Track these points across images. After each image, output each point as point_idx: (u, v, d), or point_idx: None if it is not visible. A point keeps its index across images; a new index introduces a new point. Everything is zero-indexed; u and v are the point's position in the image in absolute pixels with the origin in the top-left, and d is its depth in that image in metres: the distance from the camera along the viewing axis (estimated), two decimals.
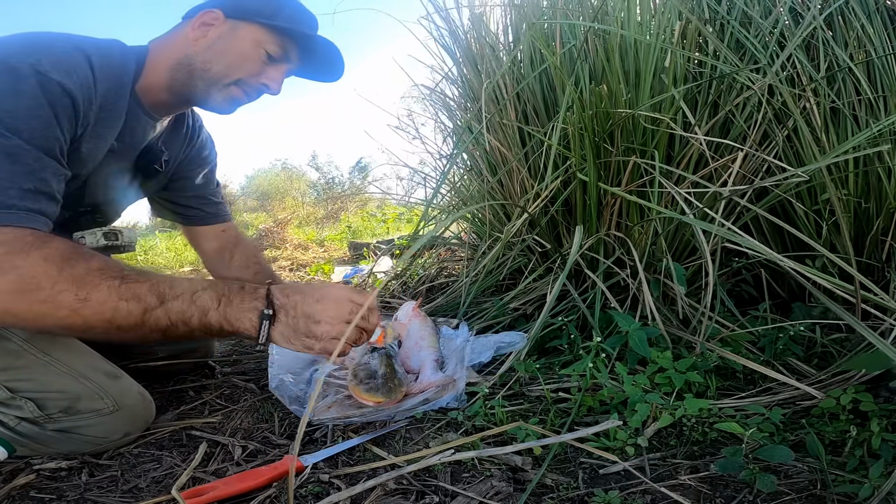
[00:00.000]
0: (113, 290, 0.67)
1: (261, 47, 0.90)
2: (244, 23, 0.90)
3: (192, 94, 0.91)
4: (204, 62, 0.89)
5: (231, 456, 0.80)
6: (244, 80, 0.92)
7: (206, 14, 0.90)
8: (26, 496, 0.72)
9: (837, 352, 0.98)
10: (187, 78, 0.89)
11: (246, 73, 0.91)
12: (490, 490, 0.66)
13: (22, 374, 0.78)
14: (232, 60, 0.89)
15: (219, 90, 0.91)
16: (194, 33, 0.89)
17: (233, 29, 0.90)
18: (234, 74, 0.90)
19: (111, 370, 0.86)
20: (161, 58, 0.89)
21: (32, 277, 0.64)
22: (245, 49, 0.90)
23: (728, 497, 0.63)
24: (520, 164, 1.38)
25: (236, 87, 0.92)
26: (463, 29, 1.57)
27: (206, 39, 0.89)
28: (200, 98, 0.92)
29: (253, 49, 0.90)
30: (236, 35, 0.90)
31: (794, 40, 1.14)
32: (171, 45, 0.90)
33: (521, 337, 1.11)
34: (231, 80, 0.91)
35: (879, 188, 1.11)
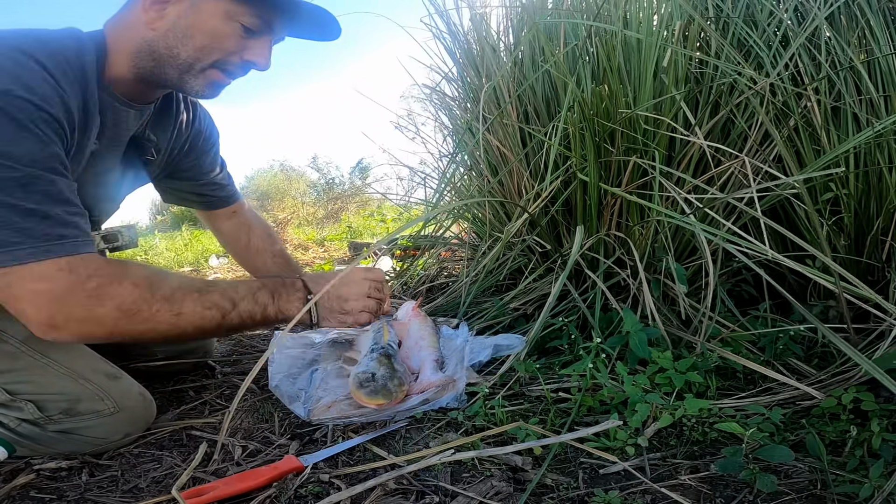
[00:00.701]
0: (197, 303, 0.78)
1: (234, 20, 0.78)
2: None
3: (165, 81, 0.81)
4: (168, 48, 0.78)
5: (231, 456, 0.80)
6: (223, 60, 0.81)
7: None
8: (26, 496, 0.72)
9: (837, 352, 0.97)
10: (154, 66, 0.79)
11: (223, 52, 0.80)
12: (490, 490, 0.66)
13: (21, 377, 0.78)
14: (202, 41, 0.78)
15: (194, 76, 0.80)
16: (147, 14, 0.77)
17: (194, 5, 0.77)
18: (208, 57, 0.79)
19: (111, 371, 0.86)
20: (119, 45, 0.79)
21: (133, 303, 0.72)
22: (215, 25, 0.77)
23: (728, 497, 0.63)
24: (520, 164, 1.38)
25: (214, 69, 0.81)
26: (463, 30, 1.58)
27: (164, 21, 0.77)
28: (175, 86, 0.83)
29: (225, 24, 0.78)
30: (200, 10, 0.77)
31: (797, 39, 1.14)
32: (125, 28, 0.79)
33: (520, 340, 1.10)
34: (206, 64, 0.80)
35: (880, 188, 1.11)
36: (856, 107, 1.13)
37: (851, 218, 1.13)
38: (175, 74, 0.80)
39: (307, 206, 7.18)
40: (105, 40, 0.79)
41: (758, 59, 1.21)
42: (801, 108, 1.17)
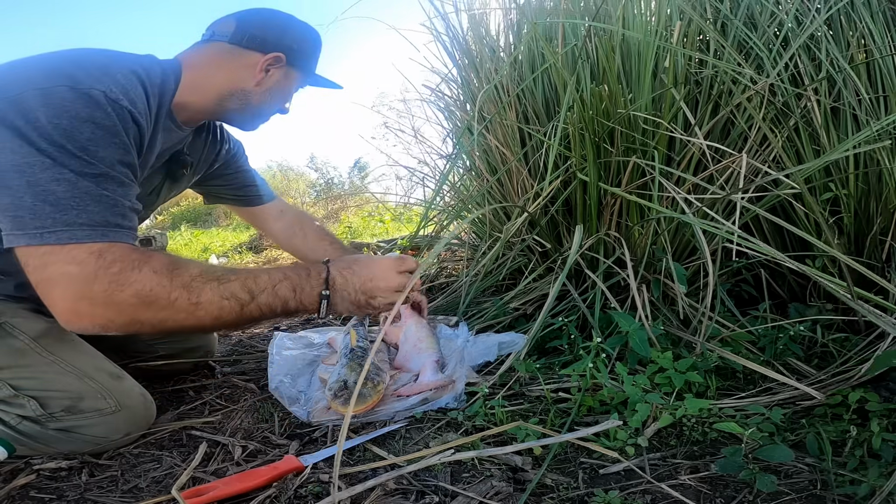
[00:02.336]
0: (216, 292, 0.76)
1: (297, 85, 1.01)
2: (295, 70, 0.98)
3: (234, 118, 0.98)
4: (260, 102, 0.96)
5: (231, 456, 0.80)
6: None
7: (274, 57, 0.93)
8: (26, 496, 0.72)
9: (837, 352, 0.98)
10: (239, 108, 0.95)
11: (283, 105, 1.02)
12: (490, 490, 0.66)
13: (26, 373, 0.79)
14: (280, 98, 0.99)
15: (262, 120, 1.01)
16: (258, 74, 0.93)
17: (287, 75, 0.97)
18: (277, 108, 1.01)
19: (114, 371, 0.87)
20: (206, 81, 0.91)
21: (151, 290, 0.72)
22: (290, 90, 1.00)
23: (728, 497, 0.63)
24: (520, 164, 1.39)
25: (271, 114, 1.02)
26: (462, 31, 1.58)
27: (268, 81, 0.94)
28: (238, 122, 1.00)
29: (293, 88, 1.01)
30: (288, 80, 0.98)
31: (797, 40, 1.14)
32: (221, 70, 0.92)
33: (522, 337, 1.10)
34: (273, 112, 1.01)
35: (879, 188, 1.11)
36: (855, 107, 1.13)
37: (851, 218, 1.13)
38: (249, 117, 0.98)
39: (307, 207, 7.17)
40: (180, 70, 0.89)
41: (758, 60, 1.21)
42: (800, 109, 1.17)
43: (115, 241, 0.72)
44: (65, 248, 0.68)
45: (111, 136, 0.72)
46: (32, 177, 0.67)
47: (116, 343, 1.08)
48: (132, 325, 0.73)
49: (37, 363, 0.80)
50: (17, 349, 0.80)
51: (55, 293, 0.70)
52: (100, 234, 0.70)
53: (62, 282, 0.69)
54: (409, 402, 0.90)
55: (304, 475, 0.71)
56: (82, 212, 0.69)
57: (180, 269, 0.75)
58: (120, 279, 0.70)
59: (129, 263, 0.71)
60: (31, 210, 0.67)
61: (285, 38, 0.94)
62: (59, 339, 0.84)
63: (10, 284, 0.84)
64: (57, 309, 0.71)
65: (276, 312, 0.82)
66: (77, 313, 0.70)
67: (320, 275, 0.86)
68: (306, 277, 0.85)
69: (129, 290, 0.71)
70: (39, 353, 0.81)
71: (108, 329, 0.73)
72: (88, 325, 0.72)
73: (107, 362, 0.88)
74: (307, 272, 0.85)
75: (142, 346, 1.12)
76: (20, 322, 0.82)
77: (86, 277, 0.69)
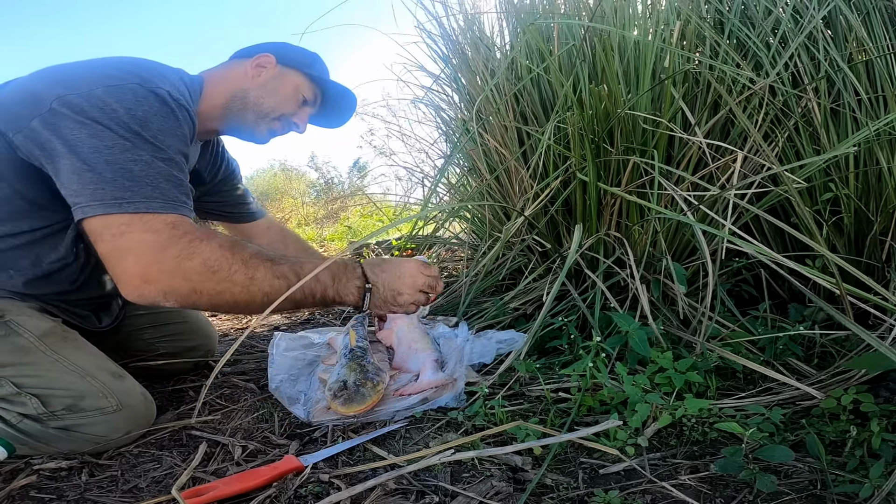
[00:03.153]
0: (268, 271, 0.82)
1: (300, 91, 1.05)
2: (290, 69, 1.05)
3: (242, 123, 1.03)
4: (258, 97, 1.01)
5: (231, 456, 0.80)
6: (284, 117, 1.05)
7: (262, 57, 1.02)
8: (26, 496, 0.72)
9: (837, 352, 0.98)
10: (241, 108, 1.01)
11: (286, 111, 1.05)
12: (490, 490, 0.66)
13: (29, 371, 0.80)
14: (279, 99, 1.03)
15: (266, 122, 1.04)
16: (252, 71, 1.01)
17: (282, 73, 1.03)
18: (279, 110, 1.04)
19: (116, 370, 0.88)
20: (217, 89, 1.00)
21: (216, 260, 0.78)
22: (289, 91, 1.04)
23: (728, 497, 0.63)
24: (518, 164, 1.38)
25: (278, 121, 1.05)
26: (457, 33, 1.58)
27: (261, 79, 1.02)
28: (248, 127, 1.04)
29: (294, 92, 1.05)
30: (284, 79, 1.04)
31: (796, 39, 1.14)
32: (227, 78, 1.02)
33: (521, 336, 1.10)
34: (275, 116, 1.04)
35: (879, 188, 1.11)
36: (854, 107, 1.13)
37: (851, 218, 1.13)
38: (253, 118, 1.03)
39: (307, 206, 7.16)
40: (203, 84, 0.99)
41: (756, 59, 1.21)
42: (801, 108, 1.17)
43: (185, 216, 0.79)
44: (143, 217, 0.75)
45: (176, 128, 0.81)
46: (112, 156, 0.74)
47: (117, 342, 1.08)
48: (192, 295, 0.78)
49: (40, 361, 0.81)
50: (22, 347, 0.81)
51: (128, 259, 0.75)
52: (172, 206, 0.78)
53: (137, 248, 0.75)
54: (409, 401, 0.90)
55: (304, 475, 0.71)
56: (156, 188, 0.77)
57: (240, 246, 0.82)
58: (190, 248, 0.77)
59: (197, 235, 0.78)
60: (112, 183, 0.74)
61: (274, 46, 1.05)
62: (63, 339, 0.85)
63: (19, 281, 0.85)
64: (127, 275, 0.76)
65: (315, 298, 0.88)
66: (146, 279, 0.76)
67: (355, 269, 0.93)
68: (343, 270, 0.92)
69: (197, 258, 0.77)
70: (43, 351, 0.82)
71: (169, 297, 0.77)
72: (154, 293, 0.77)
73: (109, 361, 0.88)
74: (344, 265, 0.92)
75: (142, 346, 1.12)
76: (25, 320, 0.83)
77: (161, 244, 0.75)
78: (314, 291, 0.88)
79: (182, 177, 0.82)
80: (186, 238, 0.77)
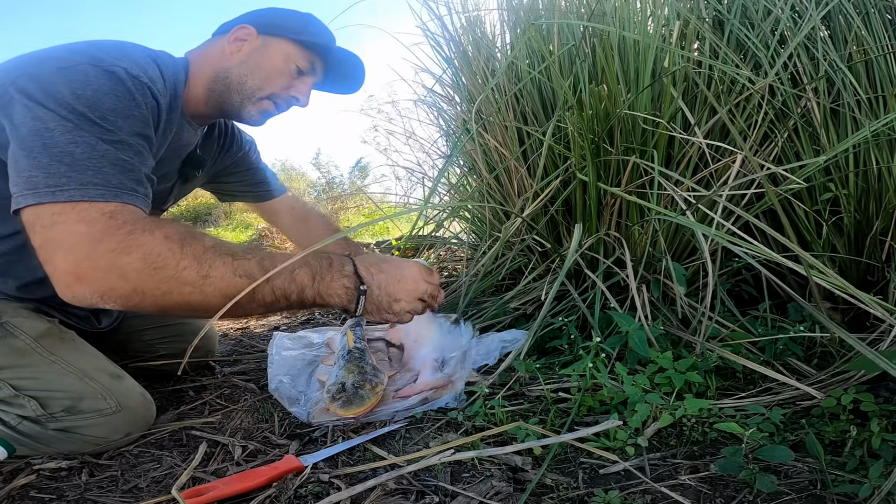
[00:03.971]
0: (228, 267, 0.70)
1: (291, 62, 0.94)
2: (275, 38, 0.94)
3: (228, 105, 0.94)
4: (240, 76, 0.92)
5: (231, 456, 0.80)
6: (276, 94, 0.95)
7: (239, 30, 0.93)
8: (26, 496, 0.72)
9: (837, 351, 0.97)
10: (224, 90, 0.92)
11: (278, 87, 0.94)
12: (490, 490, 0.66)
13: (27, 373, 0.79)
14: (265, 75, 0.93)
15: (253, 103, 0.94)
16: (230, 48, 0.92)
17: (265, 44, 0.93)
18: (267, 88, 0.94)
19: (114, 371, 0.87)
20: (199, 70, 0.92)
21: (159, 255, 0.67)
22: (277, 64, 0.93)
23: (728, 497, 0.63)
24: (518, 164, 1.38)
25: (268, 100, 0.95)
26: (458, 33, 1.58)
27: (241, 54, 0.92)
28: (235, 110, 0.95)
29: (284, 64, 0.94)
30: (268, 50, 0.93)
31: (795, 38, 1.14)
32: (207, 58, 0.93)
33: (523, 334, 1.10)
34: (264, 95, 0.94)
35: (879, 188, 1.11)
36: (854, 107, 1.13)
37: (851, 218, 1.13)
38: (238, 100, 0.93)
39: None
40: (188, 65, 0.92)
41: (755, 59, 1.21)
42: (800, 108, 1.17)
43: (129, 204, 0.70)
44: (76, 206, 0.66)
45: (131, 108, 0.73)
46: (51, 140, 0.67)
47: (117, 343, 1.08)
48: (134, 296, 0.67)
49: (38, 363, 0.80)
50: (18, 349, 0.80)
51: (58, 255, 0.66)
52: (113, 194, 0.68)
53: (68, 241, 0.66)
54: (408, 402, 0.90)
55: (304, 475, 0.71)
56: (98, 173, 0.68)
57: (194, 238, 0.71)
58: (129, 241, 0.66)
59: (140, 226, 0.68)
60: (46, 170, 0.66)
61: (255, 15, 0.95)
62: (60, 340, 0.85)
63: (11, 285, 0.84)
64: (58, 272, 0.67)
65: (290, 300, 0.76)
66: (79, 277, 0.66)
67: (343, 267, 0.81)
68: (328, 267, 0.79)
69: (136, 252, 0.66)
70: (40, 353, 0.81)
71: (107, 299, 0.67)
72: (88, 293, 0.67)
73: (107, 362, 0.88)
74: (329, 262, 0.80)
75: (142, 347, 1.12)
76: (21, 322, 0.82)
77: (93, 237, 0.65)
78: (288, 293, 0.75)
79: (135, 161, 0.73)
80: (125, 229, 0.67)
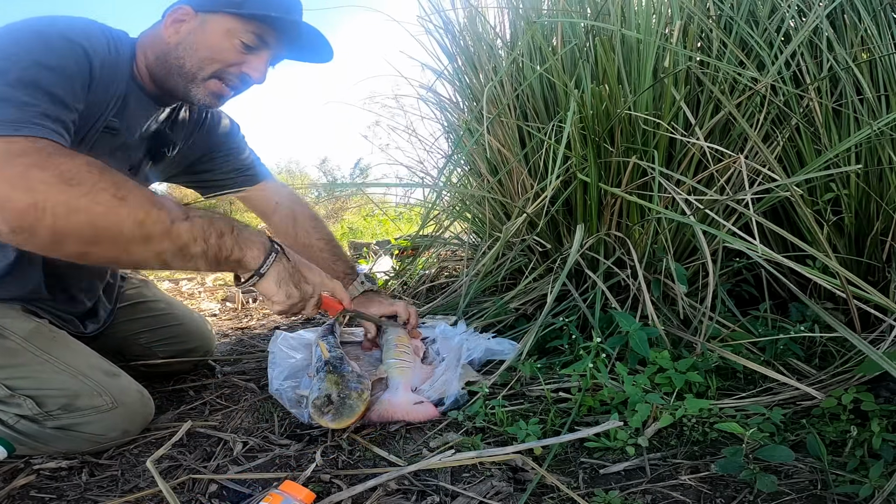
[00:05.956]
0: (146, 198, 0.66)
1: (234, 37, 0.88)
2: (213, 14, 0.88)
3: (174, 89, 0.90)
4: (177, 58, 0.87)
5: (231, 454, 0.80)
6: (223, 72, 0.89)
7: (176, 11, 0.88)
8: (26, 496, 0.72)
9: (837, 351, 0.97)
10: (165, 74, 0.89)
11: (221, 64, 0.89)
12: (490, 490, 0.66)
13: (20, 372, 0.79)
14: (204, 54, 0.87)
15: (196, 85, 0.89)
16: (167, 31, 0.88)
17: (203, 23, 0.88)
18: (208, 68, 0.88)
19: (109, 368, 0.87)
20: (145, 52, 0.89)
21: (77, 173, 0.62)
22: (216, 41, 0.87)
23: (728, 497, 0.63)
24: (520, 164, 1.38)
25: (216, 80, 0.90)
26: (460, 28, 1.57)
27: (178, 35, 0.88)
28: (182, 94, 0.91)
29: (225, 39, 0.88)
30: (206, 28, 0.88)
31: (797, 38, 1.14)
32: (150, 41, 0.90)
33: (512, 347, 1.09)
34: (206, 75, 0.89)
35: (880, 188, 1.11)
36: (857, 106, 1.13)
37: (852, 218, 1.13)
38: (182, 83, 0.89)
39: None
40: (135, 45, 0.90)
41: (759, 58, 1.21)
42: (802, 108, 1.17)
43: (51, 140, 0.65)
44: None
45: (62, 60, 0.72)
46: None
47: (115, 347, 1.08)
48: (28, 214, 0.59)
49: (30, 362, 0.80)
50: (10, 349, 0.80)
51: None
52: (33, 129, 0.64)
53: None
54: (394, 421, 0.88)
55: (306, 474, 0.71)
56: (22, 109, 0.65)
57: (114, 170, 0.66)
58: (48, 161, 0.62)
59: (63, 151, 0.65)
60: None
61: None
62: (51, 339, 0.85)
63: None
64: None
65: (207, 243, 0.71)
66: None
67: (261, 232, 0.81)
68: (245, 227, 0.79)
69: (52, 169, 0.61)
70: (32, 352, 0.81)
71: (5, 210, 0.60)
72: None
73: (101, 360, 0.88)
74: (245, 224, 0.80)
75: (139, 351, 1.12)
76: (9, 322, 0.82)
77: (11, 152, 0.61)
78: (206, 234, 0.71)
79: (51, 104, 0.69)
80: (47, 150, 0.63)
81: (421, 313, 1.30)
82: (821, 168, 1.07)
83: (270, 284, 0.80)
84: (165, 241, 0.67)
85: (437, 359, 1.07)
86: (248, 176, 1.21)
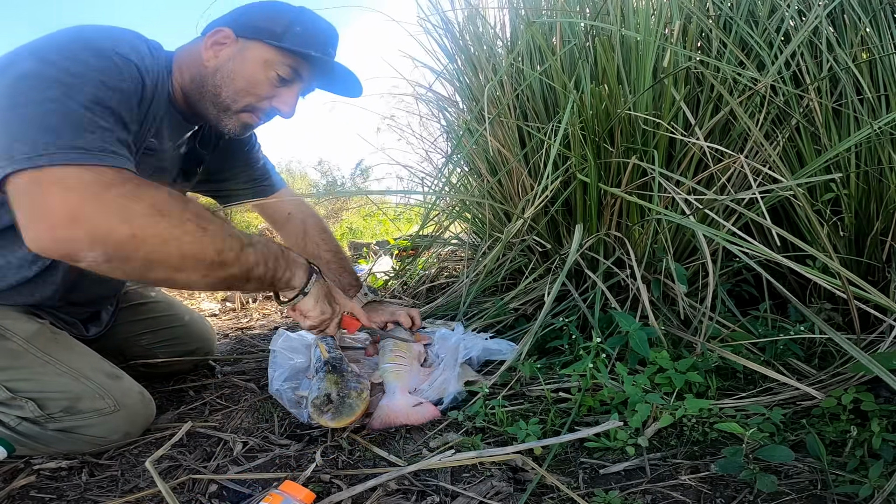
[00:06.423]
0: (220, 226, 0.71)
1: (271, 69, 0.87)
2: (253, 42, 0.87)
3: (204, 114, 0.90)
4: (214, 86, 0.87)
5: (231, 455, 0.80)
6: (254, 105, 0.89)
7: (217, 33, 0.87)
8: (26, 496, 0.72)
9: (837, 351, 0.97)
10: (199, 98, 0.88)
11: (255, 98, 0.88)
12: (490, 490, 0.66)
13: (22, 374, 0.79)
14: (241, 85, 0.87)
15: (229, 117, 0.89)
16: (206, 53, 0.87)
17: (242, 50, 0.87)
18: (242, 101, 0.88)
19: (111, 370, 0.87)
20: (181, 69, 0.88)
21: (165, 205, 0.66)
22: (253, 71, 0.87)
23: (728, 497, 0.63)
24: (520, 164, 1.38)
25: (247, 113, 0.90)
26: (459, 28, 1.57)
27: (217, 60, 0.87)
28: (213, 120, 0.90)
29: (262, 71, 0.87)
30: (245, 56, 0.86)
31: (797, 38, 1.14)
32: (187, 60, 0.89)
33: (511, 347, 1.09)
34: (240, 108, 0.88)
35: (880, 188, 1.11)
36: (857, 106, 1.13)
37: (852, 218, 1.13)
38: (214, 112, 0.89)
39: None
40: (172, 60, 0.89)
41: (759, 58, 1.21)
42: (802, 108, 1.17)
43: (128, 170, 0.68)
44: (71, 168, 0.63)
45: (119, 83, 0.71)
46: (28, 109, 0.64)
47: (117, 349, 1.08)
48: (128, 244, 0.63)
49: (32, 364, 0.80)
50: (12, 351, 0.80)
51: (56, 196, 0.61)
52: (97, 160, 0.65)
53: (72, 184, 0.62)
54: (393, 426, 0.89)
55: (306, 474, 0.71)
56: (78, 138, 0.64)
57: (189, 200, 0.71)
58: (138, 191, 0.65)
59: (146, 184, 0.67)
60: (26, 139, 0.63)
61: (238, 13, 0.89)
62: (54, 341, 0.84)
63: None
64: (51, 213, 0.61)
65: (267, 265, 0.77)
66: (75, 217, 0.61)
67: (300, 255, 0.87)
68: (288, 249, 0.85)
69: (146, 200, 0.64)
70: (34, 354, 0.80)
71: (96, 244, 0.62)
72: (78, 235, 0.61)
73: (103, 362, 0.88)
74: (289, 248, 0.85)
75: (140, 352, 1.12)
76: (11, 324, 0.82)
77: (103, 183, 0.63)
78: (266, 257, 0.77)
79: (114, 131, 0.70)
80: (134, 181, 0.66)
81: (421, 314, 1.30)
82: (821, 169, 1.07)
83: (310, 302, 0.87)
84: (236, 266, 0.72)
85: (435, 361, 1.08)
86: (264, 186, 1.23)
